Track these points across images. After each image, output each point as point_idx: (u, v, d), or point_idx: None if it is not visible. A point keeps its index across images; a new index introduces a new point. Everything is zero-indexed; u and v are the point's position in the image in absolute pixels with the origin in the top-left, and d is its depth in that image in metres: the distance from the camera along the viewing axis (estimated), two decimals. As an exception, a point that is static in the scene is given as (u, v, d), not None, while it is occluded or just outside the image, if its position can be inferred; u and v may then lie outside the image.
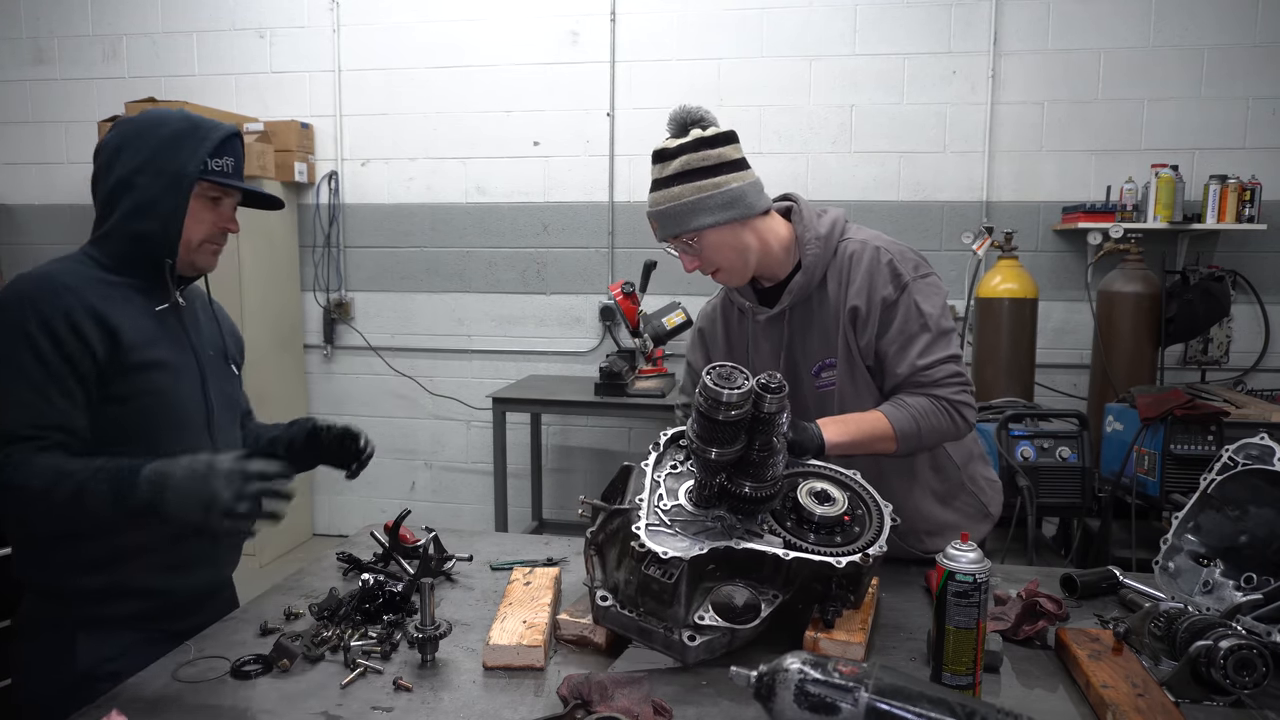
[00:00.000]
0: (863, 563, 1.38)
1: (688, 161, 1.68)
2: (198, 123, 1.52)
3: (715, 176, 1.68)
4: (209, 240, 1.56)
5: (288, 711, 1.25)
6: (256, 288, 4.50)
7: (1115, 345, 3.83)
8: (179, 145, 1.48)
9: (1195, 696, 1.25)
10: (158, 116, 1.53)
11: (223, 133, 1.52)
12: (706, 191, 1.68)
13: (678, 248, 1.76)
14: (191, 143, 1.48)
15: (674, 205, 1.69)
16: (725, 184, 1.68)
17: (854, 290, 1.75)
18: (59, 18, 4.92)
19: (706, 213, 1.68)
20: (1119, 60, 4.15)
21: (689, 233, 1.70)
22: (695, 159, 1.68)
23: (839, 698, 1.03)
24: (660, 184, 1.71)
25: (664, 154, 1.71)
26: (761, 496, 1.44)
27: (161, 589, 1.54)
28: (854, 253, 1.77)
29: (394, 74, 4.69)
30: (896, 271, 1.73)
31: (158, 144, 1.48)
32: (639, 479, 1.51)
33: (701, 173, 1.68)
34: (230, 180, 1.54)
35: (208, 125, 1.52)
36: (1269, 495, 1.50)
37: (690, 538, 1.40)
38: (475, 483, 4.88)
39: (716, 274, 1.78)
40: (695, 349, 2.01)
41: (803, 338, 1.82)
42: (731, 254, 1.73)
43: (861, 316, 1.74)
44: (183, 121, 1.51)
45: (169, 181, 1.47)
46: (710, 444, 1.38)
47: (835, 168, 4.40)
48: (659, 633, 1.36)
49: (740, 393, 1.33)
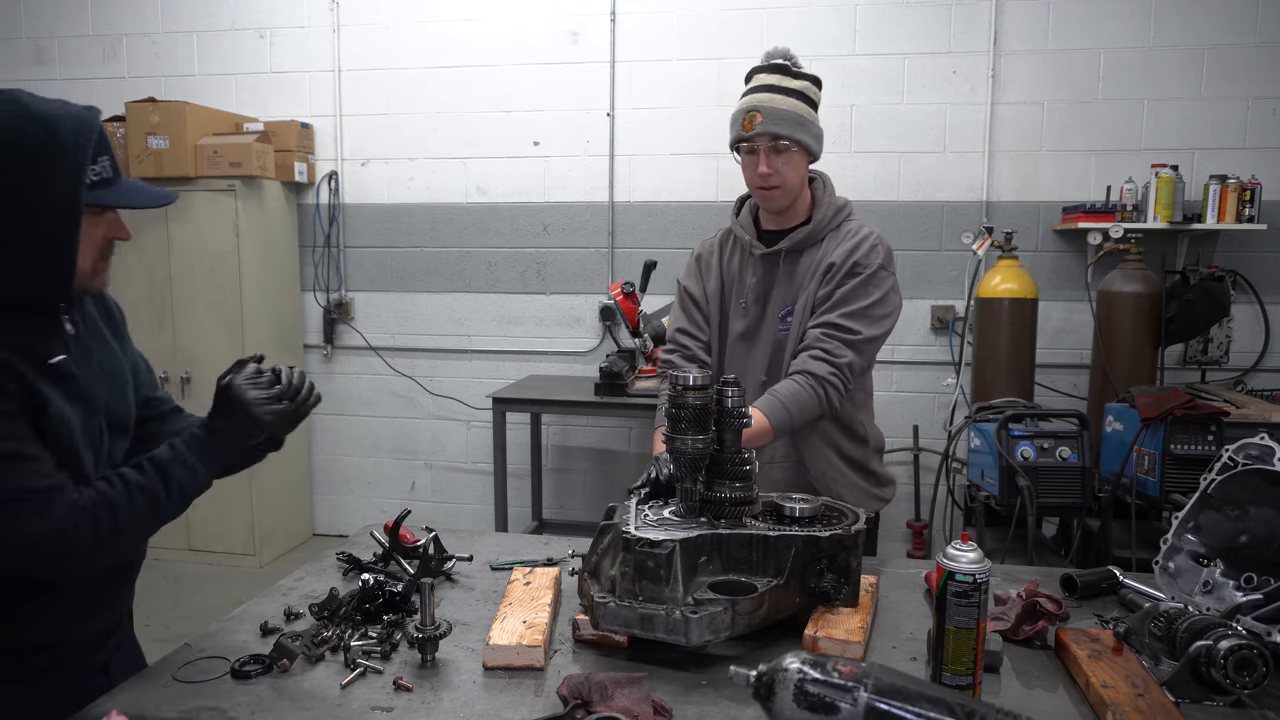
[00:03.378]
0: (844, 535, 1.46)
1: (808, 88, 1.94)
2: (54, 123, 1.18)
3: (816, 113, 1.97)
4: (99, 259, 1.31)
5: (288, 711, 1.25)
6: (256, 288, 4.50)
7: (1115, 345, 3.83)
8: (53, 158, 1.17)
9: (1195, 696, 1.25)
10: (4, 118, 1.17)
11: (91, 130, 1.21)
12: (813, 120, 1.95)
13: (766, 147, 1.91)
14: (66, 157, 1.18)
15: (794, 111, 1.90)
16: (819, 124, 1.98)
17: (839, 251, 1.98)
18: (59, 18, 4.92)
19: (810, 135, 1.94)
20: (1119, 60, 4.15)
21: (792, 140, 1.90)
22: (812, 91, 1.96)
23: (838, 697, 1.03)
24: (781, 90, 1.91)
25: (788, 70, 1.94)
26: (741, 498, 1.52)
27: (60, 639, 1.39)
28: (854, 228, 2.01)
29: (394, 74, 4.70)
30: (874, 252, 1.96)
31: (17, 168, 1.15)
32: (623, 513, 1.57)
33: (814, 105, 1.96)
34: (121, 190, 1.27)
35: (68, 123, 1.19)
36: (1269, 495, 1.50)
37: (680, 531, 1.46)
38: (475, 483, 4.88)
39: (773, 190, 1.95)
40: (691, 275, 2.17)
41: (782, 283, 2.03)
42: (796, 178, 1.96)
43: (832, 271, 1.97)
44: (36, 127, 1.17)
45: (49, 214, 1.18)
46: (682, 432, 1.47)
47: (835, 168, 4.30)
48: (659, 616, 1.36)
49: (703, 374, 1.47)
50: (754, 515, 1.55)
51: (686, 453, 1.49)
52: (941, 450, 4.10)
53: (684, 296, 2.16)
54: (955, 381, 4.33)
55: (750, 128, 1.90)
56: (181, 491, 1.34)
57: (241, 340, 4.40)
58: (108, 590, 1.45)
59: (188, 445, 1.35)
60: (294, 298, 4.86)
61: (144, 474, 1.31)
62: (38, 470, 1.22)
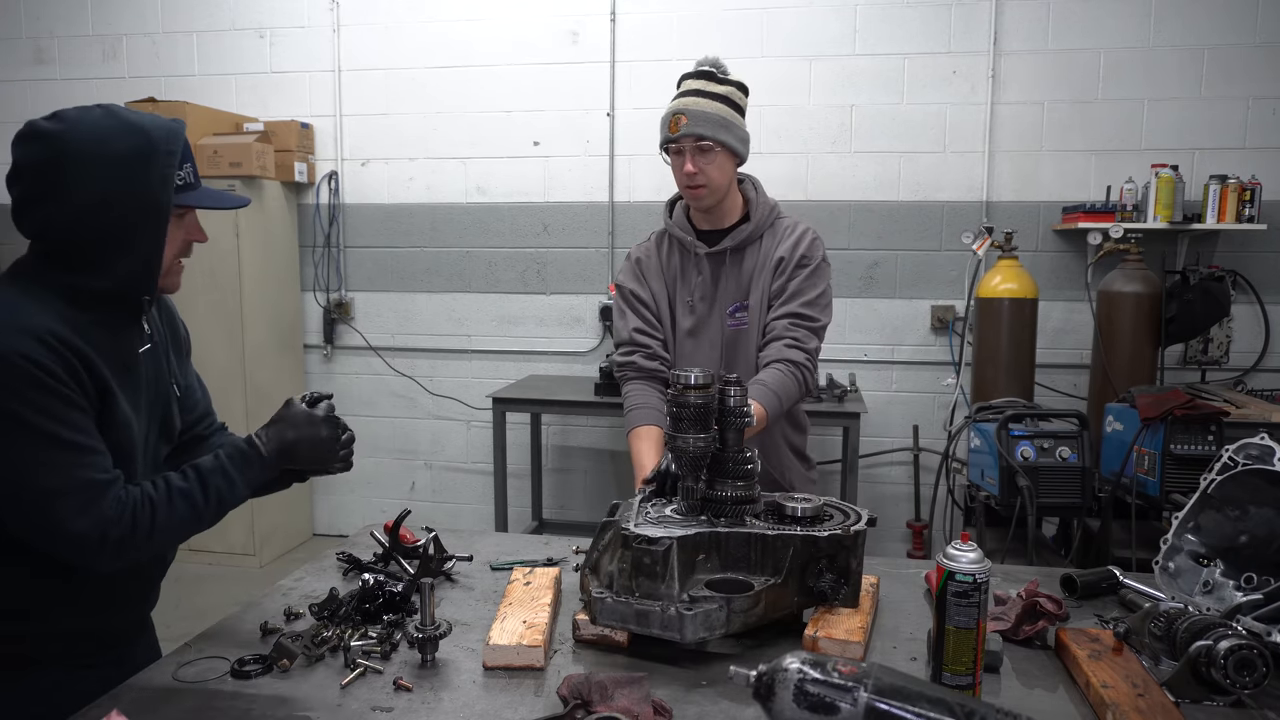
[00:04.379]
0: (843, 535, 1.46)
1: (733, 94, 2.03)
2: (147, 131, 1.31)
3: (742, 119, 2.06)
4: (178, 258, 1.43)
5: (288, 712, 1.25)
6: (256, 288, 4.50)
7: (1115, 345, 3.83)
8: (143, 166, 1.29)
9: (1195, 696, 1.25)
10: (94, 130, 1.29)
11: (179, 139, 1.35)
12: (738, 124, 2.04)
13: (691, 148, 1.98)
14: (156, 160, 1.30)
15: (718, 114, 1.99)
16: (744, 128, 2.06)
17: (784, 246, 2.10)
18: (59, 18, 4.92)
19: (734, 137, 2.02)
20: (1119, 60, 4.15)
21: (715, 141, 1.98)
22: (737, 96, 2.04)
23: (838, 697, 1.03)
24: (706, 95, 2.00)
25: (713, 76, 2.03)
26: (742, 497, 1.52)
27: (85, 630, 1.42)
28: (790, 224, 2.14)
29: (394, 74, 4.70)
30: (815, 245, 2.12)
31: (113, 166, 1.27)
32: (625, 511, 1.57)
33: (738, 110, 2.04)
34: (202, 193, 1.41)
35: (159, 132, 1.32)
36: (1269, 495, 1.50)
37: (679, 529, 1.47)
38: (475, 483, 4.88)
39: (699, 189, 2.03)
40: (633, 277, 2.22)
41: (728, 280, 2.13)
42: (722, 179, 2.04)
43: (783, 265, 2.08)
44: (131, 134, 1.30)
45: (141, 210, 1.30)
46: (684, 431, 1.48)
47: (835, 168, 4.40)
48: (655, 612, 1.36)
49: (703, 374, 1.48)
50: (755, 514, 1.55)
51: (688, 451, 1.49)
52: (941, 450, 4.10)
53: (630, 299, 2.20)
54: (955, 381, 4.33)
55: (676, 130, 1.99)
56: (220, 501, 1.39)
57: (241, 340, 4.40)
58: (128, 587, 1.48)
59: (230, 459, 1.40)
60: (294, 298, 4.86)
61: (187, 480, 1.37)
62: (96, 464, 1.28)
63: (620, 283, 2.24)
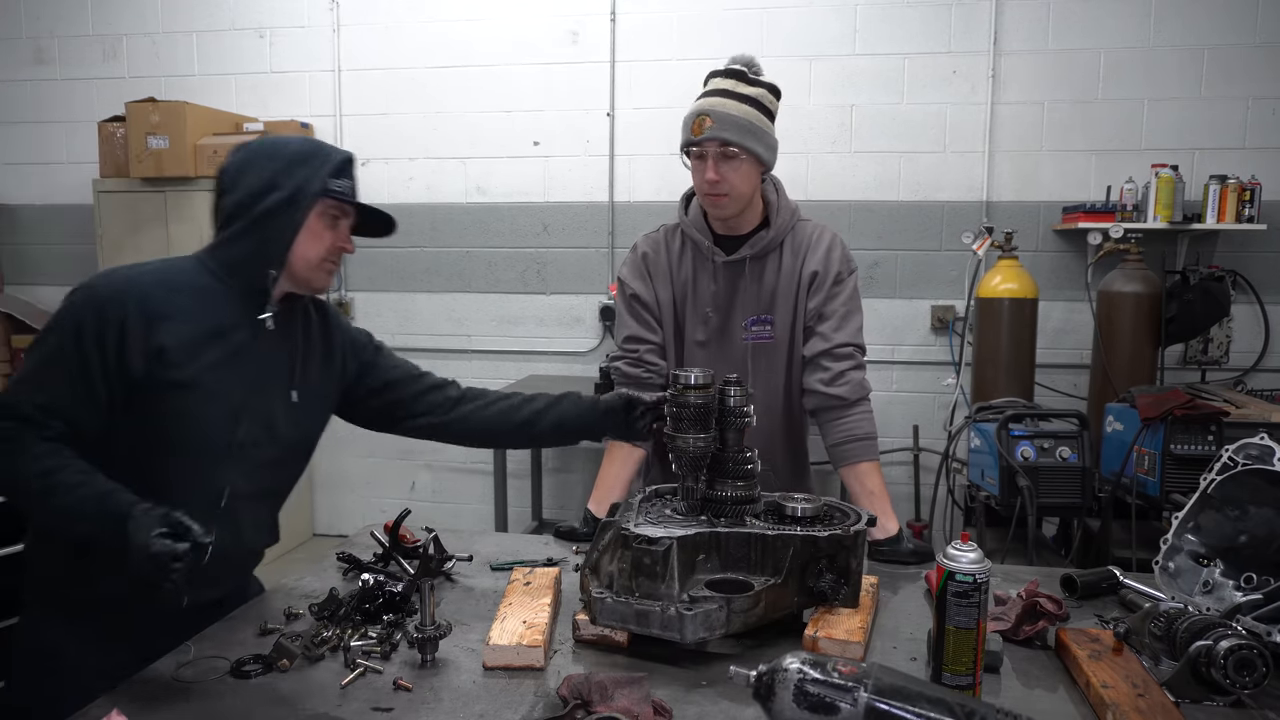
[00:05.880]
0: (843, 535, 1.46)
1: (763, 96, 1.88)
2: (319, 145, 1.59)
3: (772, 124, 1.92)
4: (326, 259, 1.58)
5: (288, 712, 1.25)
6: (256, 288, 4.50)
7: (1115, 345, 3.83)
8: (303, 164, 1.52)
9: (1195, 696, 1.25)
10: (280, 139, 1.60)
11: (343, 155, 1.57)
12: (767, 129, 1.90)
13: (714, 153, 1.85)
14: (315, 162, 1.53)
15: (746, 118, 1.85)
16: (774, 135, 1.92)
17: (815, 258, 1.99)
18: (59, 18, 4.92)
19: (761, 144, 1.88)
20: (1119, 60, 4.15)
21: (741, 147, 1.84)
22: (768, 99, 1.90)
23: (838, 697, 1.03)
24: (734, 96, 1.86)
25: (744, 76, 1.88)
26: (743, 498, 1.52)
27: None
28: (814, 231, 2.02)
29: (394, 74, 4.70)
30: (847, 256, 2.03)
31: (282, 163, 1.52)
32: (625, 511, 1.57)
33: (768, 114, 1.90)
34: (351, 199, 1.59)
35: (329, 148, 1.58)
36: (1269, 495, 1.50)
37: (679, 529, 1.46)
38: (475, 483, 4.88)
39: (721, 197, 1.91)
40: (637, 275, 2.08)
41: (746, 291, 2.01)
42: (746, 187, 1.91)
43: (818, 280, 1.98)
44: (305, 144, 1.58)
45: (290, 197, 1.50)
46: (684, 431, 1.48)
47: (835, 168, 4.40)
48: (655, 612, 1.36)
49: (703, 374, 1.48)
50: (755, 514, 1.55)
51: (688, 451, 1.49)
52: (941, 450, 4.10)
53: (631, 300, 2.07)
54: (955, 381, 4.33)
55: (699, 132, 1.85)
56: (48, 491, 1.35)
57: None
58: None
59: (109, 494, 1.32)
60: (294, 298, 4.86)
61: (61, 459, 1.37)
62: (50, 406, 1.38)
63: (623, 278, 2.11)
